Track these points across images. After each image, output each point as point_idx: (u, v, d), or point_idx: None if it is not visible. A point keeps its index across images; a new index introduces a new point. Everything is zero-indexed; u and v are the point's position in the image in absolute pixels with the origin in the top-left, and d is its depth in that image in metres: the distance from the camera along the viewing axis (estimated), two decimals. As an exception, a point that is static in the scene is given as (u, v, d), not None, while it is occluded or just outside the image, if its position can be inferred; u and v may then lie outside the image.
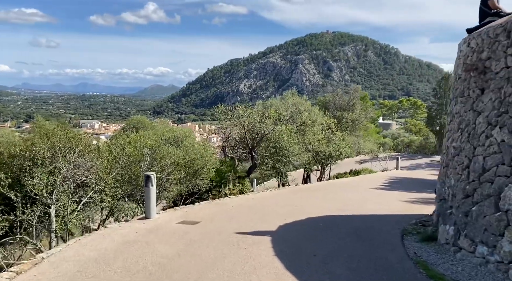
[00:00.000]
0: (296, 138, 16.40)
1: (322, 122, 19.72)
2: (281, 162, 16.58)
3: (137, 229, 7.74)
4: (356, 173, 29.02)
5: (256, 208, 10.33)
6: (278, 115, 16.67)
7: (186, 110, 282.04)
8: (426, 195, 14.70)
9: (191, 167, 12.82)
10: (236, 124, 16.38)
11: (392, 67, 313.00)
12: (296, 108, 18.45)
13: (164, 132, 14.46)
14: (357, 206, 11.13)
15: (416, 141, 45.90)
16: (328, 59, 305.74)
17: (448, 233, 6.70)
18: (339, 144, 20.79)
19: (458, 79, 7.44)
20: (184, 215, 9.20)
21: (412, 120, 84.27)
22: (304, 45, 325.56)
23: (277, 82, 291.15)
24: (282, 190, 14.55)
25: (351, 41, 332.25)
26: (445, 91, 39.99)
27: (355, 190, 15.02)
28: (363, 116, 28.53)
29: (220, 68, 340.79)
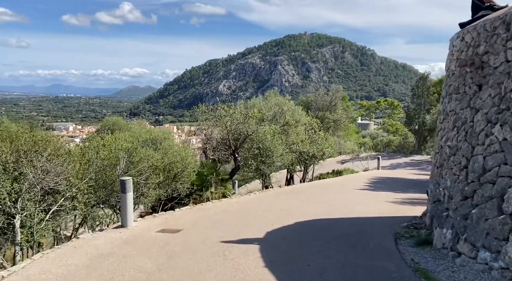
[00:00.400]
0: (279, 138, 15.97)
1: (305, 123, 19.38)
2: (265, 163, 16.12)
3: (113, 240, 7.08)
4: (338, 173, 28.85)
5: (241, 213, 9.81)
6: (262, 116, 16.21)
7: (164, 112, 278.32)
8: (411, 195, 14.55)
9: (170, 170, 12.18)
10: (218, 125, 15.80)
11: (369, 68, 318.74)
12: (279, 108, 18.04)
13: (141, 134, 13.75)
14: (345, 208, 10.77)
15: (395, 141, 46.37)
16: (307, 60, 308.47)
17: (445, 237, 6.37)
18: (322, 144, 20.50)
19: (452, 76, 7.15)
20: (164, 222, 8.58)
21: (389, 120, 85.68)
22: (283, 46, 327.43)
23: (257, 83, 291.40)
24: (267, 192, 14.07)
25: (329, 43, 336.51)
26: (423, 91, 40.54)
27: (340, 191, 14.70)
28: (344, 116, 28.44)
29: (199, 69, 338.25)
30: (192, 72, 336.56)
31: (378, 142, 46.18)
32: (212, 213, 9.79)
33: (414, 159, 38.75)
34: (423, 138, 42.13)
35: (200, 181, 14.80)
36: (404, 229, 8.29)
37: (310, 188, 15.58)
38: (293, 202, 11.69)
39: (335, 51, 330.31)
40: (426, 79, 40.53)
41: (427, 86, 40.43)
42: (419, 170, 30.51)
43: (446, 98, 7.43)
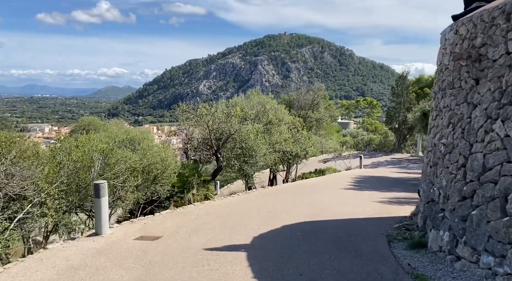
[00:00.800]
0: (263, 138, 15.53)
1: (288, 122, 19.02)
2: (248, 163, 15.64)
3: (85, 249, 6.46)
4: (321, 172, 28.69)
5: (225, 217, 9.30)
6: (244, 114, 15.72)
7: (144, 112, 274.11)
8: (397, 194, 14.37)
9: (149, 172, 11.55)
10: (199, 124, 15.23)
11: (348, 68, 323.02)
12: (262, 107, 17.60)
13: (118, 134, 13.04)
14: (333, 210, 10.41)
15: (376, 139, 46.69)
16: (287, 60, 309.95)
17: (442, 239, 6.05)
18: (305, 143, 20.18)
19: (445, 70, 6.86)
20: (143, 229, 7.99)
21: (368, 119, 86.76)
22: (262, 46, 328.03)
23: (237, 83, 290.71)
24: (251, 194, 13.60)
25: (308, 43, 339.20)
26: (402, 90, 40.88)
27: (326, 191, 14.38)
28: (327, 115, 28.25)
29: (179, 69, 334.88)
30: (172, 72, 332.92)
31: (359, 140, 46.40)
32: (194, 217, 9.24)
33: (394, 157, 39.02)
34: (403, 136, 42.54)
35: (181, 182, 14.21)
36: (396, 230, 7.98)
37: (294, 188, 15.20)
38: (279, 204, 11.26)
39: (314, 51, 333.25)
40: (405, 78, 40.91)
41: (406, 85, 40.82)
42: (400, 168, 30.66)
43: (439, 94, 7.14)
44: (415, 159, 37.63)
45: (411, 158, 37.95)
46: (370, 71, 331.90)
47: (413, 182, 20.48)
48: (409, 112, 40.03)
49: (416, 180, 22.93)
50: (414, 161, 36.72)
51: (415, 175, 25.81)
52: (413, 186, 18.40)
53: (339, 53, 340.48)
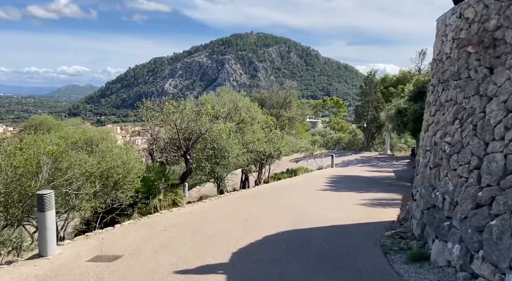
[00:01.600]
0: (236, 137, 14.47)
1: (261, 120, 18.07)
2: (220, 164, 14.54)
3: (23, 278, 5.17)
4: (293, 172, 28.00)
5: (197, 227, 8.18)
6: (215, 112, 14.59)
7: (106, 112, 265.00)
8: (376, 194, 13.78)
9: (109, 177, 10.18)
10: (166, 123, 13.93)
11: (314, 68, 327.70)
12: (234, 105, 16.53)
13: (73, 134, 11.58)
14: (315, 215, 9.54)
15: (345, 138, 46.80)
16: (254, 60, 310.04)
17: (451, 252, 5.27)
18: (279, 143, 19.32)
19: (446, 60, 6.11)
20: (99, 246, 6.74)
21: (335, 118, 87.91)
22: (229, 45, 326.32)
23: (204, 82, 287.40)
24: (224, 198, 12.51)
25: (275, 43, 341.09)
26: (371, 89, 41.10)
27: (303, 194, 13.54)
28: (299, 113, 27.59)
29: (143, 67, 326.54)
30: (136, 70, 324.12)
31: (328, 139, 46.35)
32: (161, 229, 8.07)
33: (364, 155, 39.13)
34: (372, 135, 42.83)
35: (146, 187, 12.89)
36: (389, 239, 7.19)
37: (270, 191, 14.27)
38: (256, 209, 10.26)
39: (281, 51, 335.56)
40: (374, 75, 41.15)
41: (374, 84, 41.06)
42: (371, 167, 30.54)
43: (438, 87, 6.40)
44: (384, 157, 37.87)
45: (380, 156, 38.17)
46: (335, 71, 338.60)
47: (387, 181, 20.15)
48: (377, 111, 40.33)
49: (389, 178, 22.71)
50: (383, 159, 36.92)
51: (387, 173, 25.65)
52: (388, 185, 18.02)
53: (305, 54, 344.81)
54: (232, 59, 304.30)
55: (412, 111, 16.13)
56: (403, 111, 17.34)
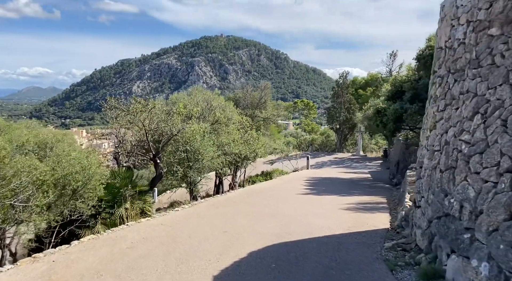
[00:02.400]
0: (210, 139, 13.38)
1: (237, 121, 17.06)
2: (194, 168, 13.40)
3: None
4: (268, 174, 27.15)
5: (169, 243, 7.05)
6: (188, 112, 13.43)
7: (71, 115, 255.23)
8: (359, 198, 13.08)
9: (66, 185, 8.86)
10: (134, 124, 12.63)
11: (283, 71, 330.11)
12: (208, 104, 15.41)
13: (25, 136, 10.10)
14: (302, 223, 8.62)
15: (317, 139, 46.51)
16: (224, 62, 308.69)
17: (476, 271, 4.45)
18: (255, 144, 18.36)
19: (459, 46, 5.34)
20: (48, 272, 5.48)
21: (306, 120, 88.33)
22: (199, 47, 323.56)
23: (174, 84, 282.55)
24: (198, 205, 11.37)
25: (245, 46, 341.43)
26: (343, 91, 40.97)
27: (284, 198, 12.62)
28: (275, 114, 26.76)
29: (110, 69, 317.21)
30: (102, 72, 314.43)
31: (302, 140, 45.91)
32: (127, 246, 6.87)
33: (337, 156, 38.87)
34: (344, 136, 42.73)
35: (111, 195, 11.56)
36: (391, 252, 6.35)
37: (248, 196, 13.25)
38: (236, 218, 9.21)
39: (251, 54, 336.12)
40: (346, 77, 41.09)
41: (346, 86, 41.00)
42: (345, 168, 30.19)
43: (448, 78, 5.63)
44: (357, 158, 37.74)
45: (353, 157, 38.03)
46: (304, 74, 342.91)
47: (365, 183, 19.64)
48: (350, 112, 40.27)
49: (367, 180, 22.25)
50: (356, 160, 36.76)
51: (363, 174, 25.27)
52: (368, 187, 17.47)
53: (275, 57, 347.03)
54: (202, 62, 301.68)
55: (392, 111, 15.62)
56: (382, 111, 16.83)
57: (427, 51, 16.16)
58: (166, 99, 18.41)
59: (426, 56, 16.06)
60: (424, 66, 16.30)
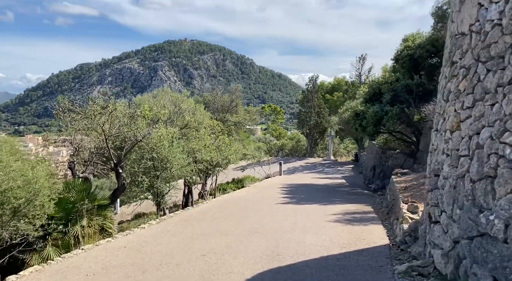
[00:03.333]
0: (180, 145, 12.02)
1: (208, 125, 15.76)
2: (161, 178, 11.97)
3: None
4: (240, 182, 25.96)
5: (136, 274, 5.67)
6: (155, 115, 12.00)
7: (26, 121, 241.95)
8: (343, 207, 12.16)
9: (4, 203, 7.24)
10: (92, 129, 11.05)
11: (249, 76, 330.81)
12: (176, 107, 14.01)
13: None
14: (291, 242, 7.48)
15: (288, 144, 45.88)
16: (189, 67, 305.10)
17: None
18: (227, 151, 17.11)
19: (492, 29, 4.43)
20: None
21: (273, 125, 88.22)
22: (163, 52, 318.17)
23: (136, 89, 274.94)
24: (167, 221, 9.95)
25: (210, 50, 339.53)
26: (313, 95, 40.57)
27: (264, 210, 11.45)
28: (247, 118, 25.60)
29: (68, 74, 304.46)
30: (60, 77, 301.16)
31: (272, 146, 45.08)
32: (82, 278, 5.43)
33: (308, 161, 38.30)
34: (314, 141, 42.31)
35: (65, 211, 9.93)
36: (407, 279, 5.32)
37: (223, 208, 11.96)
38: (215, 238, 7.92)
39: (216, 58, 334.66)
40: (316, 80, 40.74)
41: (316, 90, 40.66)
42: (318, 173, 29.53)
43: (477, 68, 4.69)
44: (328, 163, 37.31)
45: (324, 162, 37.58)
46: (270, 80, 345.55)
47: (343, 189, 18.88)
48: (320, 116, 39.91)
49: (343, 186, 21.54)
50: (327, 165, 36.29)
51: (337, 180, 24.61)
52: (348, 194, 16.68)
53: (240, 62, 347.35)
54: (166, 66, 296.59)
55: (372, 114, 14.94)
56: (361, 114, 16.15)
57: (405, 51, 15.67)
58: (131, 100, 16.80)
59: (404, 57, 15.57)
60: (402, 67, 15.81)
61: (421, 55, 14.89)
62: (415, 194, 9.48)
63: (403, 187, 10.44)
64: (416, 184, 10.48)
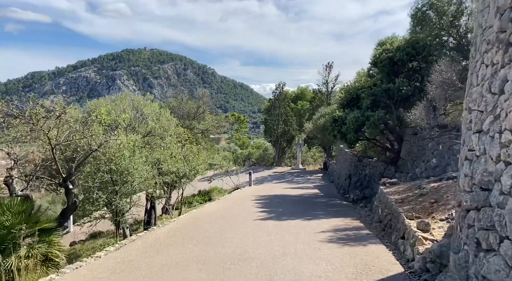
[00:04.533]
0: (142, 155, 10.33)
1: (175, 133, 14.10)
2: (120, 193, 10.19)
3: None
4: (207, 194, 24.28)
5: None
6: (113, 121, 10.24)
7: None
8: (330, 222, 10.99)
9: None
10: (35, 136, 9.13)
11: (211, 86, 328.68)
12: (139, 112, 12.29)
13: None
14: (288, 275, 6.07)
15: (255, 153, 44.58)
16: (148, 76, 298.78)
17: None
18: (195, 160, 15.52)
19: None
20: None
21: (236, 134, 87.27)
22: (121, 60, 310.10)
23: (93, 98, 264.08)
24: (130, 247, 8.20)
25: (170, 60, 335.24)
26: (280, 102, 39.71)
27: (243, 229, 9.97)
28: (216, 125, 24.00)
29: (18, 82, 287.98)
30: (8, 85, 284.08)
31: (238, 155, 43.63)
32: None
33: (276, 171, 37.16)
34: (282, 149, 41.35)
35: (-2, 239, 7.96)
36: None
37: (196, 227, 10.34)
38: (191, 272, 6.33)
39: (177, 68, 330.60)
40: (282, 89, 39.91)
41: (283, 97, 39.87)
42: (289, 183, 28.41)
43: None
44: (297, 172, 36.34)
45: (293, 171, 36.59)
46: (232, 89, 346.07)
47: (320, 201, 17.74)
48: (287, 124, 39.07)
49: (319, 196, 20.36)
50: (296, 173, 35.30)
51: (310, 190, 23.55)
52: (327, 206, 15.52)
53: (201, 71, 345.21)
54: (124, 75, 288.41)
55: (353, 119, 13.97)
56: (340, 120, 15.17)
57: (384, 54, 14.92)
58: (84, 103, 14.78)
59: (383, 60, 14.81)
60: (382, 71, 15.04)
61: (401, 58, 14.19)
62: (415, 208, 8.40)
63: (398, 199, 9.38)
64: (411, 196, 9.44)
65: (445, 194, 8.71)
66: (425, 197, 8.96)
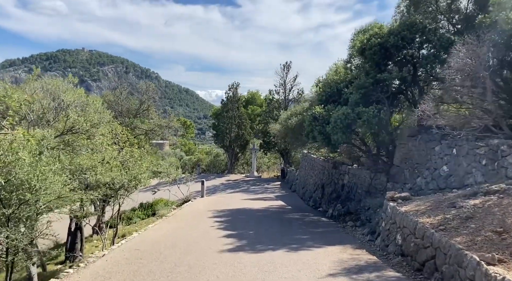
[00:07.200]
0: (56, 160, 6.64)
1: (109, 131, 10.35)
2: (18, 218, 6.41)
3: None
4: (150, 207, 20.39)
5: None
6: (13, 108, 6.45)
7: None
8: (326, 252, 8.12)
9: None
10: None
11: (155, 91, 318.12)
12: (56, 100, 8.51)
13: None
14: None
15: (205, 159, 40.82)
16: (87, 78, 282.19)
17: None
18: (136, 168, 11.82)
19: None
20: None
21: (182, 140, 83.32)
22: (56, 61, 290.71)
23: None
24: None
25: (111, 62, 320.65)
26: (233, 104, 36.57)
27: (211, 271, 6.63)
28: (163, 124, 20.13)
29: None
30: None
31: (186, 161, 39.64)
32: None
33: (229, 179, 33.82)
34: (235, 155, 38.11)
35: None
36: None
37: (139, 266, 6.78)
38: None
39: (118, 71, 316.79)
40: (236, 90, 36.80)
41: (237, 99, 36.80)
42: (246, 193, 25.24)
43: None
44: (252, 180, 33.25)
45: (248, 179, 33.48)
46: (177, 94, 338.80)
47: (294, 217, 14.69)
48: (241, 128, 36.02)
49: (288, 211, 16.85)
50: (252, 182, 32.13)
51: (273, 201, 20.52)
52: (306, 225, 12.38)
53: (145, 75, 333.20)
54: (60, 76, 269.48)
55: (342, 117, 11.25)
56: (321, 119, 12.40)
57: (374, 40, 12.42)
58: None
59: (374, 46, 12.30)
60: (371, 59, 12.51)
61: (395, 44, 11.79)
62: (475, 240, 5.59)
63: (435, 224, 6.59)
64: (450, 219, 6.64)
65: (505, 217, 6.05)
66: (476, 222, 6.24)
